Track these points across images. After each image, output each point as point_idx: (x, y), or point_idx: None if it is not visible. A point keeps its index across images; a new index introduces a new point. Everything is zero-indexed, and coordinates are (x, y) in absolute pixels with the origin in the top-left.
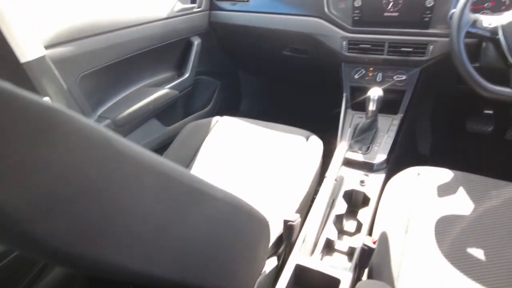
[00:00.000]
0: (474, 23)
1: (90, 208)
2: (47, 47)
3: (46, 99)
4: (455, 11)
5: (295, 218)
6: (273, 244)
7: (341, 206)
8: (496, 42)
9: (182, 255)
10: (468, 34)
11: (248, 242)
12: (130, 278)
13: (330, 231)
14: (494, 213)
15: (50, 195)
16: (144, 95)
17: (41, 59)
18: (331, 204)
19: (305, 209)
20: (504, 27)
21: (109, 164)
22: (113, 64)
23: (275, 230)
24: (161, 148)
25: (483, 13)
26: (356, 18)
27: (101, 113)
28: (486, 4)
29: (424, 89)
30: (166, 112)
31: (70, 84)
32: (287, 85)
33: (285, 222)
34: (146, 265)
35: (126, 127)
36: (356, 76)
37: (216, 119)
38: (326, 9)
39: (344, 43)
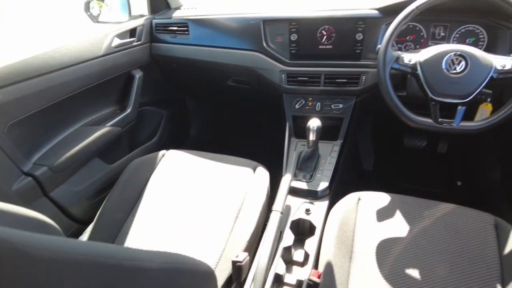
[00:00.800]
0: (397, 59)
1: None
2: None
3: None
4: (380, 48)
5: (243, 258)
6: (222, 286)
7: (288, 238)
8: (417, 77)
9: None
10: (393, 69)
11: None
12: None
13: (279, 265)
14: (427, 233)
15: None
16: (83, 135)
17: None
18: (279, 236)
19: (253, 246)
20: (421, 64)
21: (25, 275)
22: (47, 108)
23: (225, 271)
24: (106, 187)
25: (406, 47)
26: (293, 51)
27: (36, 160)
28: (408, 37)
29: (361, 115)
30: (110, 149)
31: None
32: (235, 111)
33: (234, 263)
34: None
35: (66, 172)
36: (297, 106)
37: (162, 153)
38: (264, 44)
39: (283, 76)
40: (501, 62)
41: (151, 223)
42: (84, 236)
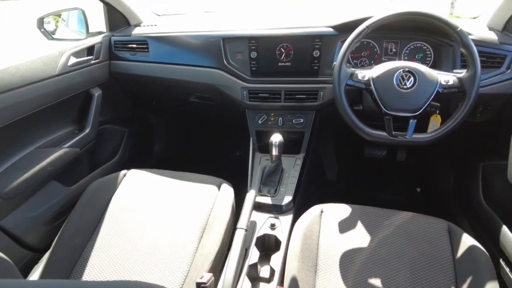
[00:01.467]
0: (352, 76)
1: None
2: None
3: None
4: (335, 65)
5: (208, 279)
6: None
7: (254, 254)
8: (371, 92)
9: None
10: (348, 86)
11: None
12: None
13: (245, 284)
14: (387, 242)
15: None
16: (38, 158)
17: None
18: (245, 253)
19: (219, 265)
20: (374, 80)
21: None
22: None
23: None
24: (65, 211)
25: (361, 63)
26: (254, 68)
27: None
28: (362, 53)
29: (322, 128)
30: (68, 171)
31: None
32: (199, 127)
33: (198, 284)
34: None
35: (18, 198)
36: (259, 122)
37: (123, 173)
38: (225, 61)
39: (245, 93)
40: (445, 78)
41: (113, 247)
42: (40, 265)
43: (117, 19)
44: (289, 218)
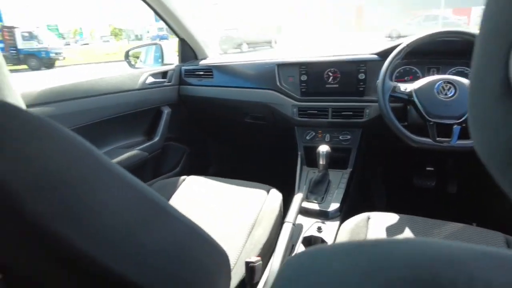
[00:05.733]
0: (394, 89)
1: (71, 194)
2: (28, 106)
3: None
4: (379, 79)
5: (256, 260)
6: (236, 287)
7: (300, 250)
8: (413, 104)
9: (144, 261)
10: (391, 98)
11: (208, 270)
12: (92, 272)
13: None
14: None
15: (39, 180)
16: (116, 155)
17: None
18: (291, 249)
19: (267, 254)
20: (416, 91)
21: (84, 164)
22: (89, 125)
23: (238, 274)
24: None
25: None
26: (304, 89)
27: None
28: (406, 78)
29: (368, 147)
30: (136, 172)
31: None
32: (252, 149)
33: (247, 263)
34: (111, 259)
35: None
36: (307, 138)
37: (183, 177)
38: (278, 83)
39: (295, 110)
40: None
41: None
42: None
43: (188, 53)
44: (335, 224)
